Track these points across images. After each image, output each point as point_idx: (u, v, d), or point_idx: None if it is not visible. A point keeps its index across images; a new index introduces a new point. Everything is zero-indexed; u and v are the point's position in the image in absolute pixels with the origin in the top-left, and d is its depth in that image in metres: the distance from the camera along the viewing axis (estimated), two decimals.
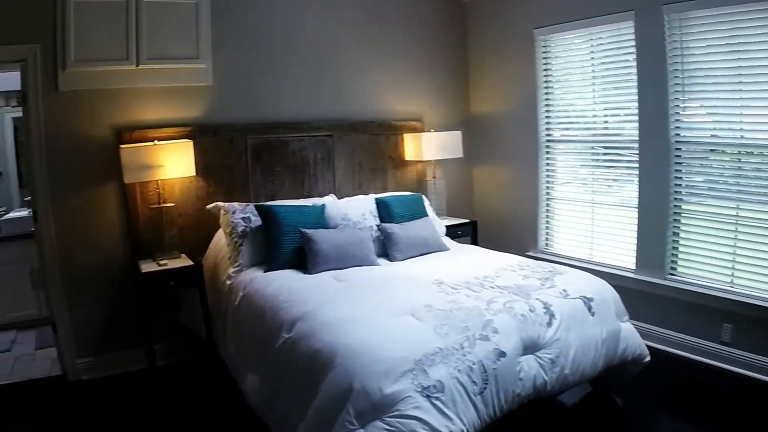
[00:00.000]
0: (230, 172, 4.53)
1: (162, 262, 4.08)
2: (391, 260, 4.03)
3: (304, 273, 3.74)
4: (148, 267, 4.03)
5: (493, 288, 3.19)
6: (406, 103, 5.20)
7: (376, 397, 2.33)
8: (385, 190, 4.97)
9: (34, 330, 5.23)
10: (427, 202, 4.72)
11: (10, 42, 3.91)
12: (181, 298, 4.40)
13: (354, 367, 2.44)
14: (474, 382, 2.50)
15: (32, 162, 4.08)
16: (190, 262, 4.10)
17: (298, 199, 4.56)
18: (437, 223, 4.58)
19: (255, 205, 4.10)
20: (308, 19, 4.79)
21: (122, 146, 4.04)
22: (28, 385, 4.30)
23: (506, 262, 3.73)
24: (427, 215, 4.47)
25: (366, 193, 4.81)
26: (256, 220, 4.02)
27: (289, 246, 3.87)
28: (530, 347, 2.79)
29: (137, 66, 4.20)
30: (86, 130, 4.16)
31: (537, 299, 3.02)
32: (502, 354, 2.63)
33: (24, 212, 5.33)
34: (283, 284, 3.54)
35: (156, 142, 4.05)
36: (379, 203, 4.38)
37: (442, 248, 4.23)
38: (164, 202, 4.23)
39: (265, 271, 3.81)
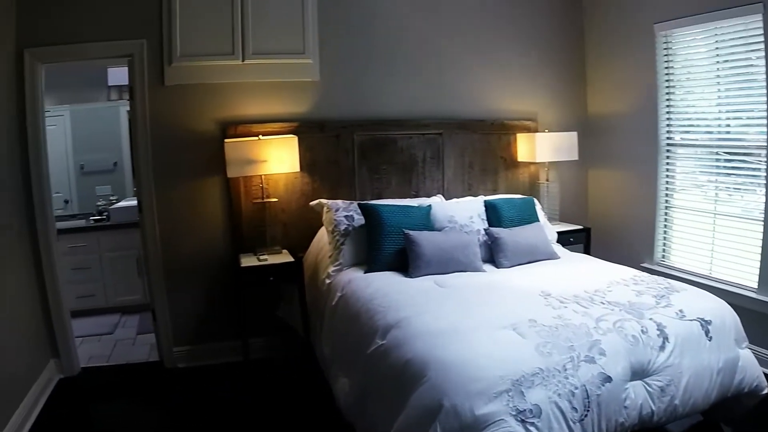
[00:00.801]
0: (336, 169, 4.57)
1: (262, 257, 4.19)
2: (497, 267, 3.90)
3: (405, 276, 3.69)
4: (248, 261, 4.15)
5: (603, 304, 2.99)
6: (520, 102, 5.00)
7: (466, 418, 2.22)
8: (495, 192, 4.82)
9: (138, 315, 5.59)
10: (538, 207, 4.52)
11: (118, 38, 4.16)
12: (281, 294, 4.48)
13: (446, 382, 2.35)
14: (574, 408, 2.34)
15: (138, 154, 4.32)
16: (290, 259, 4.17)
17: (405, 198, 4.52)
18: (548, 229, 4.39)
19: (358, 204, 4.10)
20: (417, 13, 4.72)
21: (226, 140, 4.16)
22: (125, 368, 4.60)
23: (619, 275, 3.50)
24: (537, 220, 4.28)
25: (475, 195, 4.71)
26: (359, 219, 4.02)
27: (391, 247, 3.84)
28: (639, 373, 2.58)
29: (243, 61, 4.33)
30: (191, 124, 4.34)
31: (650, 319, 2.79)
32: (608, 379, 2.46)
33: (133, 202, 5.60)
34: (381, 287, 3.50)
35: (260, 137, 4.14)
36: (488, 206, 4.24)
37: (552, 256, 4.04)
38: (267, 197, 4.33)
39: (365, 272, 3.80)
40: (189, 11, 4.19)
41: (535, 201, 4.51)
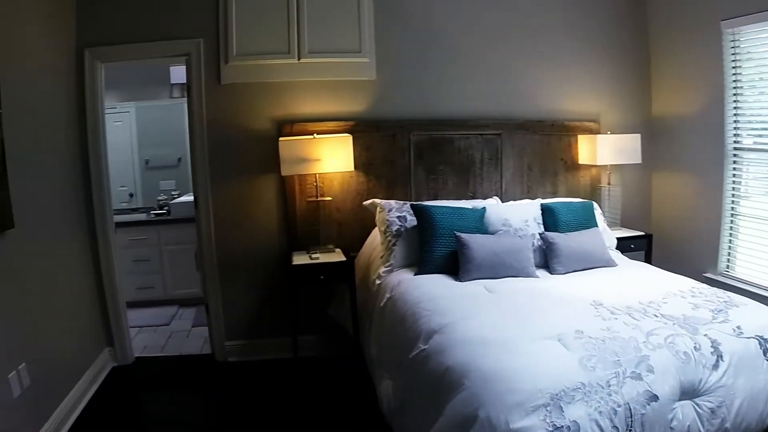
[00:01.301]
0: (392, 169, 4.58)
1: (314, 255, 4.23)
2: (551, 273, 3.82)
3: (455, 280, 3.67)
4: (300, 259, 4.21)
5: (656, 317, 2.88)
6: (581, 102, 4.85)
7: (500, 431, 2.19)
8: (555, 195, 4.74)
9: (195, 308, 5.77)
10: (598, 211, 4.41)
11: (176, 37, 4.32)
12: (333, 293, 4.53)
13: (482, 393, 2.31)
14: (615, 427, 2.25)
15: (195, 151, 4.46)
16: (342, 258, 4.20)
17: (462, 199, 4.48)
18: (607, 235, 4.27)
19: (411, 205, 4.09)
20: (474, 11, 4.66)
21: (281, 139, 4.23)
22: (177, 359, 4.78)
23: (677, 286, 3.36)
24: (596, 226, 4.15)
25: (534, 197, 4.63)
26: (411, 220, 4.02)
27: (442, 249, 3.82)
28: (689, 392, 2.46)
29: (299, 60, 4.39)
30: (247, 122, 4.45)
31: (705, 335, 2.66)
32: (655, 397, 2.37)
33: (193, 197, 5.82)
34: (429, 290, 3.49)
35: (315, 135, 4.18)
36: (545, 209, 4.15)
37: (609, 264, 3.91)
38: (322, 196, 4.39)
39: (415, 274, 3.80)
40: (245, 11, 4.30)
41: (595, 205, 4.38)
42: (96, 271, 4.42)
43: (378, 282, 3.93)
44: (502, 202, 4.55)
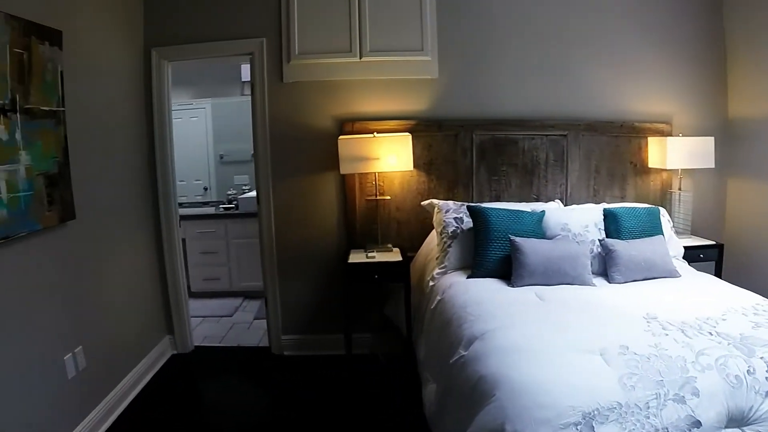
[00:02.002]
0: (454, 169, 4.49)
1: (371, 254, 4.21)
2: (609, 281, 3.62)
3: (508, 285, 3.55)
4: (356, 257, 4.20)
5: (711, 335, 2.66)
6: (652, 103, 4.57)
7: None
8: (623, 200, 4.50)
9: (259, 301, 5.86)
10: (666, 218, 4.15)
11: (239, 36, 4.40)
12: (390, 292, 4.49)
13: (511, 405, 2.21)
14: None
15: (257, 148, 4.52)
16: (398, 258, 4.16)
17: (525, 202, 4.34)
18: (673, 244, 4.01)
19: (467, 206, 3.99)
20: (541, 8, 4.48)
21: (340, 137, 4.22)
22: (234, 350, 4.89)
23: (739, 302, 3.09)
24: (661, 233, 3.89)
25: (601, 201, 4.42)
26: (468, 222, 3.92)
27: (496, 253, 3.70)
28: (736, 419, 2.24)
29: (360, 58, 4.38)
30: (308, 120, 4.47)
31: (761, 358, 2.42)
32: (697, 424, 2.17)
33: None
34: (478, 295, 3.40)
35: (375, 134, 4.16)
36: (607, 215, 3.93)
37: (672, 274, 3.66)
38: (381, 195, 4.36)
39: (468, 277, 3.72)
40: (307, 10, 4.33)
41: (662, 212, 4.12)
42: (160, 262, 4.59)
43: (431, 284, 3.87)
44: (567, 205, 4.38)
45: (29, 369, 2.98)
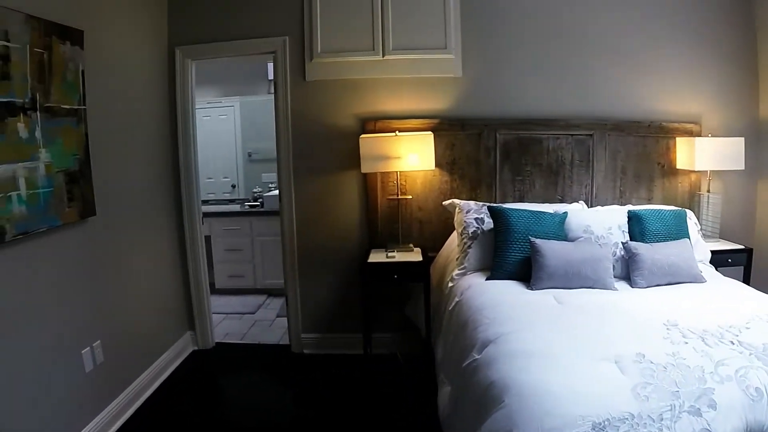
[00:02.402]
0: (477, 169, 4.39)
1: (391, 254, 4.14)
2: (632, 286, 3.48)
3: (526, 287, 3.45)
4: (376, 257, 4.14)
5: (732, 344, 2.52)
6: (681, 102, 4.37)
7: None
8: (650, 202, 4.34)
9: (282, 298, 5.75)
10: (692, 221, 3.98)
11: (262, 35, 4.36)
12: (410, 292, 4.42)
13: (520, 412, 2.12)
14: None
15: (279, 146, 4.48)
16: (418, 258, 4.09)
17: (549, 203, 4.21)
18: (700, 247, 3.85)
19: (488, 206, 3.89)
20: (566, 6, 4.33)
21: (362, 136, 4.15)
22: (254, 347, 4.87)
23: (766, 310, 2.92)
24: (687, 237, 3.73)
25: (627, 203, 4.29)
26: (489, 222, 3.82)
27: (516, 255, 3.60)
28: None
29: (383, 57, 4.31)
30: (331, 119, 4.42)
31: None
32: None
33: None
34: (494, 297, 3.31)
35: (397, 133, 4.09)
36: (632, 217, 3.79)
37: (696, 279, 3.50)
38: (403, 195, 4.29)
39: (487, 279, 3.63)
40: (330, 8, 4.27)
41: (689, 214, 3.97)
42: (182, 259, 4.60)
43: (450, 285, 3.79)
44: (593, 206, 4.25)
45: (46, 362, 3.01)
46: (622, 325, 2.82)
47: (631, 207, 4.00)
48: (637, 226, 3.74)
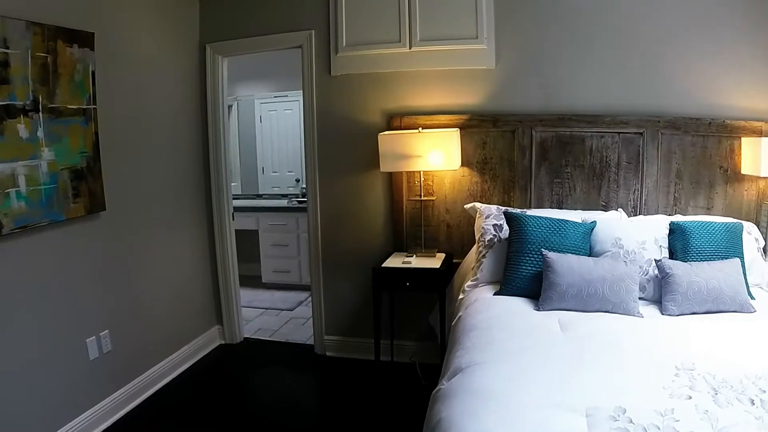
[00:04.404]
0: (510, 170, 3.75)
1: (408, 259, 3.66)
2: (662, 312, 2.76)
3: (534, 307, 2.86)
4: (392, 261, 3.70)
5: (752, 404, 1.82)
6: (749, 96, 3.42)
7: None
8: (709, 211, 3.49)
9: None
10: (752, 236, 3.15)
11: (289, 29, 3.99)
12: (435, 299, 3.87)
13: None
14: None
15: (306, 142, 4.12)
16: (436, 265, 3.57)
17: (591, 209, 3.54)
18: (757, 269, 3.03)
19: (504, 212, 3.32)
20: None
21: (380, 134, 3.67)
22: (281, 345, 4.57)
23: None
24: (739, 255, 2.91)
25: (683, 212, 3.50)
26: (507, 230, 3.23)
27: (529, 269, 3.00)
28: None
29: (410, 48, 3.78)
30: (356, 114, 3.97)
31: None
32: None
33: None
34: (492, 317, 2.76)
35: (420, 130, 3.57)
36: (674, 229, 3.03)
37: (743, 308, 2.71)
38: (427, 196, 3.79)
39: (495, 294, 3.07)
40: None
41: (749, 228, 3.14)
42: (212, 254, 4.38)
43: (461, 297, 3.28)
44: (640, 215, 3.52)
45: (47, 348, 2.99)
46: (622, 365, 2.19)
47: (673, 218, 3.23)
48: (679, 241, 2.99)
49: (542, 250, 2.97)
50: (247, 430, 3.32)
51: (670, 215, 3.43)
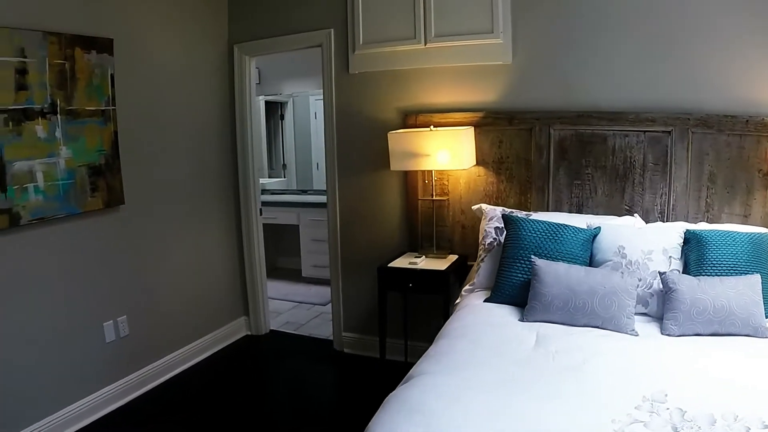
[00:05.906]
0: (527, 170, 3.33)
1: (415, 260, 3.36)
2: (661, 331, 2.30)
3: (520, 317, 2.50)
4: (400, 261, 3.42)
5: None
6: None
7: None
8: (746, 219, 2.89)
9: None
10: None
11: (310, 28, 3.82)
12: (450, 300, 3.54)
13: None
14: None
15: (326, 140, 3.92)
16: (442, 267, 3.24)
17: (614, 214, 3.07)
18: None
19: (501, 214, 2.96)
20: None
21: (390, 132, 3.39)
22: (303, 339, 4.37)
23: None
24: (763, 271, 2.36)
25: (717, 219, 2.93)
26: None
27: (519, 276, 2.65)
28: None
29: (425, 45, 3.47)
30: (373, 112, 3.72)
31: None
32: None
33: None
34: (466, 325, 2.48)
35: (432, 128, 3.27)
36: (690, 239, 2.54)
37: (756, 332, 2.19)
38: (438, 196, 3.46)
39: (485, 300, 2.73)
40: None
41: None
42: (240, 248, 4.30)
43: (457, 301, 2.97)
44: (669, 221, 3.00)
45: (63, 331, 3.02)
46: (578, 391, 1.83)
47: (693, 225, 2.71)
48: (694, 252, 2.50)
49: (531, 256, 2.58)
50: (248, 418, 3.19)
51: (700, 222, 2.89)
